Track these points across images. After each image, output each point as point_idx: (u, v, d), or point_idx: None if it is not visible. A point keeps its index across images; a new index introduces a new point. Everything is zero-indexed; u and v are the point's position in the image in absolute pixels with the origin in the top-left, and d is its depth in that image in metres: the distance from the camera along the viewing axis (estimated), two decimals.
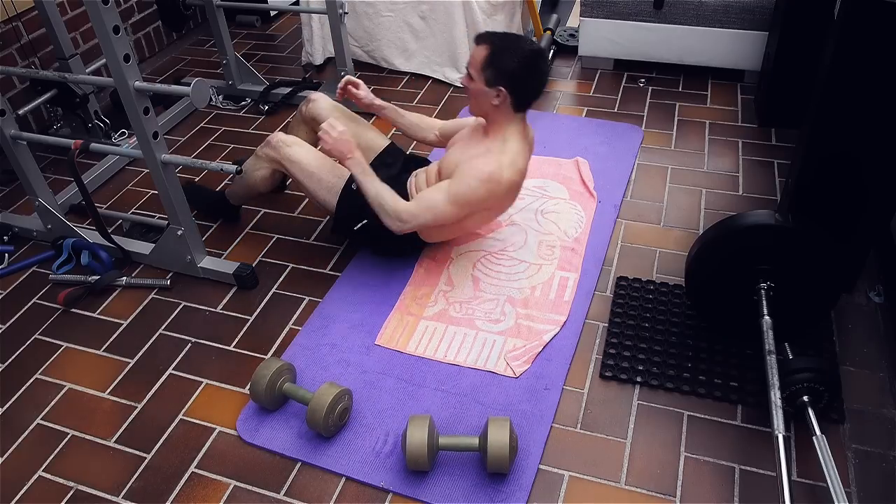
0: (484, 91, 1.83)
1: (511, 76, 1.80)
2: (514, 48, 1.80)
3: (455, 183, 1.87)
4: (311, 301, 2.04)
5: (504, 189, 1.89)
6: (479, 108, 1.90)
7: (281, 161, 2.04)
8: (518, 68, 1.80)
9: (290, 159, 2.03)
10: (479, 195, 1.86)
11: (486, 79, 1.81)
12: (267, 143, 2.08)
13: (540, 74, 1.87)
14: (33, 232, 2.32)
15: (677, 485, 1.52)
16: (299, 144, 2.06)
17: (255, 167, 2.13)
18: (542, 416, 1.67)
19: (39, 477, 1.62)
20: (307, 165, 2.03)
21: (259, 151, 2.11)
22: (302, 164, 2.03)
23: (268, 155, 2.07)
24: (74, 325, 2.02)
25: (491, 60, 1.80)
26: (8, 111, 2.05)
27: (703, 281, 1.79)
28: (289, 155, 2.03)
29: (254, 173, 2.14)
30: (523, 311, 1.94)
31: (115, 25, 1.69)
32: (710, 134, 2.66)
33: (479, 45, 1.83)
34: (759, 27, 2.77)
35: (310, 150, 2.07)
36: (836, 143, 1.70)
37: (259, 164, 2.12)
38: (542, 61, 1.87)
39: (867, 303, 1.92)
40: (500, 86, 1.81)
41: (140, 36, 3.30)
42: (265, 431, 1.67)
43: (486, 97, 1.83)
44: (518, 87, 1.83)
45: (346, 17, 2.73)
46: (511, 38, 1.84)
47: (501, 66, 1.79)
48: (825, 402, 1.57)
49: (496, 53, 1.79)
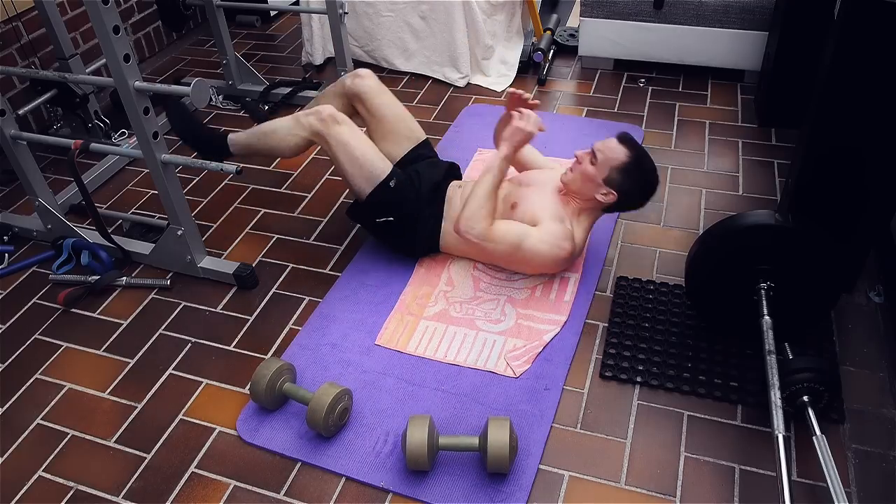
0: (598, 183, 1.89)
1: (628, 192, 1.89)
2: (645, 170, 1.91)
3: (535, 239, 1.88)
4: (311, 301, 2.04)
5: (558, 265, 1.96)
6: (579, 187, 1.93)
7: (327, 138, 1.97)
8: (637, 189, 1.91)
9: (337, 138, 1.96)
10: (545, 262, 1.92)
11: (608, 178, 1.88)
12: (316, 112, 1.98)
13: (646, 201, 1.97)
14: (33, 232, 2.32)
15: (677, 485, 1.52)
16: (350, 125, 1.99)
17: (291, 132, 2.02)
18: (542, 416, 1.67)
19: (39, 477, 1.62)
20: (353, 149, 1.97)
21: (302, 118, 2.00)
22: (349, 147, 1.96)
23: (311, 126, 1.98)
24: (74, 325, 2.02)
25: (624, 168, 1.87)
26: (8, 111, 2.05)
27: (703, 281, 1.79)
28: (338, 133, 1.96)
29: (286, 138, 2.03)
30: (523, 311, 1.94)
31: (115, 25, 1.69)
32: (710, 134, 2.66)
33: (620, 145, 1.88)
34: (759, 27, 2.77)
35: (359, 133, 2.01)
36: (836, 143, 1.70)
37: (296, 131, 2.01)
38: (655, 191, 1.95)
39: (867, 303, 1.92)
40: (614, 191, 1.88)
41: (140, 36, 3.30)
42: (265, 431, 1.67)
43: (596, 188, 1.90)
44: (625, 201, 1.92)
45: (346, 17, 2.73)
46: (647, 159, 1.92)
47: (628, 180, 1.88)
48: (825, 402, 1.57)
49: (631, 167, 1.87)
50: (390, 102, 2.16)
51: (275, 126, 2.05)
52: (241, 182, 2.55)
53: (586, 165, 1.90)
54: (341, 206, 2.41)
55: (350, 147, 1.97)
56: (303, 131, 2.00)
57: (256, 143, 2.09)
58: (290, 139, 2.03)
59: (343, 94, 2.17)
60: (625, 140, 1.90)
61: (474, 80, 3.09)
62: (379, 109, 2.13)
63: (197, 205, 2.45)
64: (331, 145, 1.98)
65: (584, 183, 1.91)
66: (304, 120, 1.99)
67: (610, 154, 1.88)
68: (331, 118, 1.97)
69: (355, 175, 1.99)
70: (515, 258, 1.93)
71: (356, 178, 1.99)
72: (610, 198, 1.90)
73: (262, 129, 2.08)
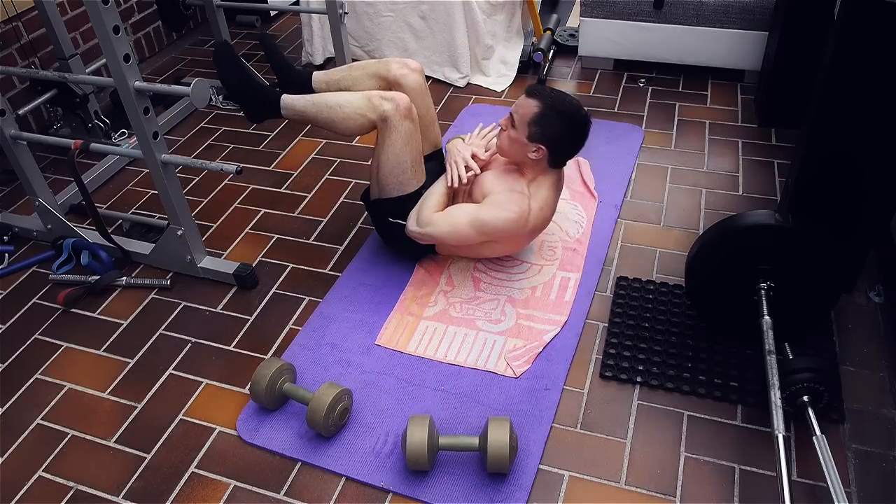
0: (524, 143, 1.85)
1: (553, 139, 1.84)
2: (563, 112, 1.83)
3: (482, 210, 1.87)
4: (311, 301, 2.04)
5: (526, 231, 1.92)
6: (512, 152, 1.91)
7: (392, 129, 1.86)
8: (562, 133, 1.84)
9: (400, 134, 1.87)
10: (500, 229, 1.87)
11: (529, 133, 1.84)
12: (392, 100, 1.86)
13: (580, 142, 1.90)
14: (33, 232, 2.32)
15: (677, 485, 1.52)
16: (416, 125, 1.91)
17: (359, 112, 1.88)
18: (542, 416, 1.67)
19: (39, 477, 1.62)
20: (406, 152, 1.90)
21: (376, 100, 1.86)
22: (404, 148, 1.89)
23: (385, 112, 1.85)
24: (74, 325, 2.02)
25: (539, 119, 1.82)
26: (8, 111, 2.05)
27: (702, 281, 1.79)
28: (405, 130, 1.87)
29: (353, 116, 1.88)
30: (524, 311, 1.94)
31: (115, 25, 1.69)
32: (710, 134, 2.66)
33: (529, 98, 1.84)
34: (759, 27, 2.77)
35: (418, 137, 1.94)
36: (836, 142, 1.70)
37: (366, 113, 1.87)
38: (585, 130, 1.88)
39: (867, 303, 1.92)
40: (541, 144, 1.84)
41: (140, 36, 3.30)
42: (265, 431, 1.67)
43: (524, 148, 1.86)
44: (557, 150, 1.87)
45: (346, 17, 2.73)
46: (563, 102, 1.85)
47: (547, 127, 1.82)
48: (825, 402, 1.57)
49: (545, 114, 1.82)
50: (429, 105, 2.10)
51: (340, 100, 1.90)
52: (241, 182, 2.55)
53: (506, 128, 1.88)
54: (341, 206, 2.41)
55: (405, 148, 1.90)
56: (373, 113, 1.86)
57: (316, 113, 1.92)
58: (357, 119, 1.89)
59: (384, 78, 2.03)
60: (532, 92, 1.84)
61: (474, 80, 3.10)
62: (419, 109, 1.99)
63: (197, 205, 2.45)
64: (390, 137, 1.88)
65: (513, 147, 1.89)
66: (378, 103, 1.86)
67: (522, 111, 1.84)
68: (407, 111, 1.87)
69: (389, 174, 1.93)
70: (480, 236, 1.89)
71: (388, 176, 1.94)
72: (540, 153, 1.85)
73: (326, 99, 1.92)
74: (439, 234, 1.91)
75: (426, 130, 2.10)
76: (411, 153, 1.93)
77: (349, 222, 2.33)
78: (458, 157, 1.96)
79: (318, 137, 2.78)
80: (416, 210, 1.95)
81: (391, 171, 1.93)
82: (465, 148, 2.00)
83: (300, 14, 3.44)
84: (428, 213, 1.92)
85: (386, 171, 1.94)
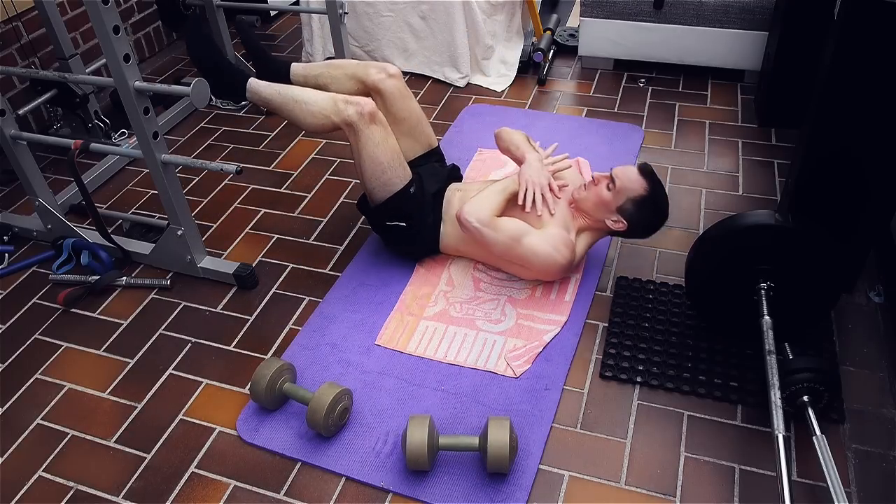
0: (611, 209, 1.89)
1: (636, 224, 1.90)
2: (658, 208, 1.90)
3: (537, 239, 1.87)
4: (311, 301, 2.04)
5: (553, 272, 1.93)
6: (590, 209, 1.93)
7: (358, 134, 1.87)
8: (646, 222, 1.91)
9: (369, 138, 1.88)
10: (542, 264, 1.89)
11: (622, 207, 1.87)
12: (357, 104, 1.86)
13: (649, 234, 1.98)
14: (33, 232, 2.32)
15: (677, 485, 1.52)
16: (385, 128, 1.91)
17: (322, 112, 1.88)
18: (542, 416, 1.67)
19: (39, 477, 1.62)
20: (380, 154, 1.90)
21: (341, 104, 1.87)
22: (377, 150, 1.89)
23: (348, 117, 1.86)
24: (74, 325, 2.02)
25: (639, 201, 1.86)
26: (8, 111, 2.05)
27: (702, 281, 1.79)
28: (371, 134, 1.88)
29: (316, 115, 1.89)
30: (524, 311, 1.94)
31: (115, 25, 1.69)
32: (710, 134, 2.66)
33: (642, 177, 1.86)
34: (759, 27, 2.77)
35: (391, 138, 1.93)
36: (837, 142, 1.70)
37: (329, 114, 1.88)
38: (657, 230, 1.95)
39: (867, 303, 1.92)
40: (626, 220, 1.88)
41: (140, 36, 3.30)
42: (265, 431, 1.67)
43: (607, 213, 1.90)
44: (632, 230, 1.92)
45: (346, 17, 2.73)
46: (662, 195, 1.90)
47: (640, 213, 1.88)
48: (825, 402, 1.57)
49: (646, 200, 1.86)
50: (412, 108, 2.09)
51: (307, 97, 1.91)
52: (241, 182, 2.55)
53: (602, 190, 1.88)
54: (341, 206, 2.41)
55: (378, 151, 1.90)
56: (336, 117, 1.87)
57: (281, 104, 1.93)
58: (319, 119, 1.90)
59: (362, 81, 2.04)
60: (646, 173, 1.87)
61: (474, 80, 3.10)
62: (399, 113, 2.05)
63: (197, 205, 2.45)
64: (359, 142, 1.90)
65: (597, 206, 1.90)
66: (343, 107, 1.86)
67: (629, 184, 1.85)
68: (370, 116, 1.87)
69: (372, 178, 1.94)
70: (513, 255, 1.90)
71: (372, 181, 1.95)
72: (619, 226, 1.89)
73: (293, 93, 1.92)
74: (491, 238, 1.87)
75: (413, 132, 2.10)
76: (385, 154, 1.92)
77: (349, 222, 2.33)
78: (538, 187, 1.94)
79: (317, 137, 2.78)
80: (476, 202, 1.88)
81: (372, 174, 1.94)
82: (545, 174, 1.97)
83: (300, 14, 3.44)
84: (488, 214, 1.87)
85: (367, 176, 1.95)
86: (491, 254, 1.97)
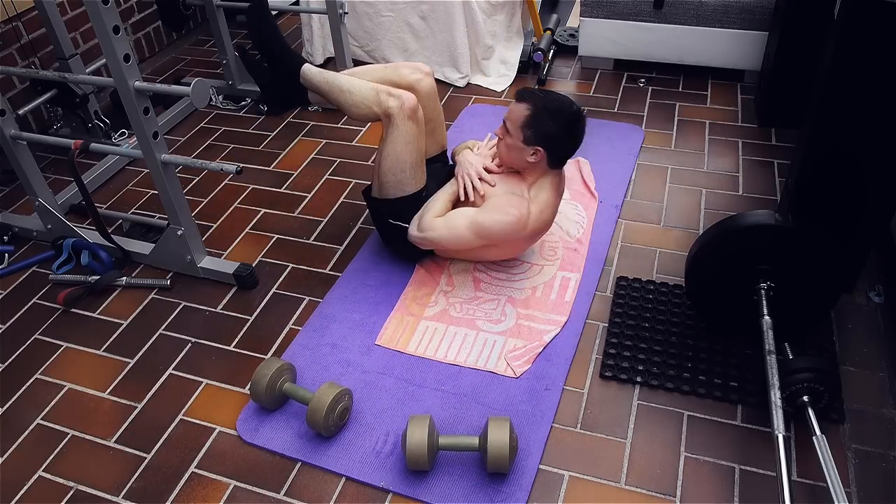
0: (520, 147, 1.86)
1: (549, 138, 1.84)
2: (554, 111, 1.83)
3: (481, 214, 1.88)
4: (311, 301, 2.04)
5: (525, 235, 1.92)
6: (512, 160, 1.92)
7: (393, 127, 1.89)
8: (557, 131, 1.84)
9: (401, 133, 1.89)
10: (499, 233, 1.88)
11: (525, 137, 1.84)
12: (399, 98, 1.88)
13: (577, 137, 1.90)
14: (33, 232, 2.32)
15: (677, 485, 1.52)
16: (420, 126, 1.93)
17: (365, 102, 1.92)
18: (542, 416, 1.67)
19: (39, 477, 1.62)
20: (406, 152, 1.91)
21: (383, 96, 1.89)
22: (405, 147, 1.90)
23: (388, 109, 1.88)
24: (74, 325, 2.02)
25: (531, 121, 1.83)
26: (8, 111, 2.05)
27: (702, 281, 1.79)
28: (406, 130, 1.89)
29: (360, 105, 1.93)
30: (524, 311, 1.94)
31: (115, 25, 1.69)
32: (710, 134, 2.66)
33: (519, 103, 1.85)
34: (759, 27, 2.77)
35: (421, 140, 1.95)
36: (836, 142, 1.70)
37: (371, 105, 1.91)
38: (580, 125, 1.89)
39: (867, 303, 1.92)
40: (538, 146, 1.84)
41: (140, 36, 3.30)
42: (265, 431, 1.67)
43: (522, 153, 1.87)
44: (555, 149, 1.87)
45: (346, 17, 2.73)
46: (553, 100, 1.86)
47: (541, 128, 1.83)
48: (825, 402, 1.57)
49: (537, 115, 1.82)
50: (438, 108, 2.13)
51: (352, 87, 1.94)
52: (241, 182, 2.55)
53: (502, 136, 1.89)
54: (341, 206, 2.41)
55: (406, 149, 1.91)
56: (377, 108, 1.90)
57: (328, 91, 1.97)
58: (363, 109, 1.93)
59: (397, 83, 2.03)
60: (521, 96, 1.86)
61: (474, 80, 3.10)
62: (430, 113, 2.05)
63: (197, 205, 2.45)
64: (391, 134, 1.91)
65: (511, 154, 1.90)
66: (384, 98, 1.89)
67: (514, 116, 1.85)
68: (411, 112, 1.88)
69: (388, 171, 1.94)
70: (478, 240, 1.89)
71: (387, 173, 1.95)
72: (538, 155, 1.86)
73: (340, 82, 1.95)
74: (439, 238, 1.92)
75: (434, 132, 2.12)
76: (411, 154, 1.93)
77: (349, 222, 2.33)
78: (472, 170, 1.96)
79: (318, 137, 2.78)
80: (419, 215, 1.96)
81: (390, 168, 1.94)
82: (477, 160, 2.00)
83: (300, 14, 3.44)
84: (429, 219, 1.92)
85: (385, 168, 1.95)
86: (470, 252, 1.99)
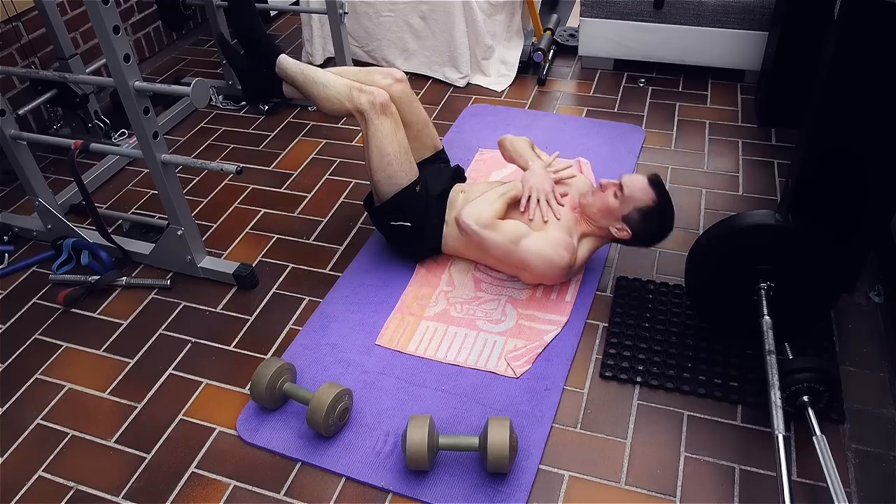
0: (616, 216, 1.88)
1: (643, 232, 1.90)
2: (664, 220, 1.89)
3: (536, 240, 1.88)
4: (311, 301, 2.04)
5: (553, 276, 1.93)
6: (595, 214, 1.93)
7: (368, 124, 1.91)
8: (652, 233, 1.91)
9: (378, 129, 1.90)
10: (540, 266, 1.89)
11: (628, 216, 1.87)
12: (370, 94, 1.90)
13: (651, 245, 1.98)
14: (33, 232, 2.32)
15: (677, 485, 1.52)
16: (395, 120, 1.93)
17: (338, 97, 1.94)
18: (542, 416, 1.67)
19: (39, 477, 1.62)
20: (387, 146, 1.92)
21: (355, 93, 1.91)
22: (385, 142, 1.91)
23: (360, 106, 1.90)
24: (74, 325, 2.02)
25: (644, 212, 1.86)
26: (8, 111, 2.05)
27: (702, 281, 1.79)
28: (381, 125, 1.90)
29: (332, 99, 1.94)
30: (524, 311, 1.94)
31: (115, 25, 1.69)
32: (710, 134, 2.66)
33: (651, 187, 1.85)
34: (759, 27, 2.77)
35: (401, 132, 1.95)
36: (837, 142, 1.70)
37: (343, 101, 1.93)
38: (662, 239, 1.94)
39: (867, 303, 1.92)
40: (630, 229, 1.88)
41: (140, 36, 3.30)
42: (265, 431, 1.67)
43: (612, 219, 1.90)
44: (635, 241, 1.93)
45: (346, 17, 2.73)
46: (669, 207, 1.89)
47: (645, 222, 1.87)
48: (825, 402, 1.57)
49: (652, 213, 1.86)
50: (418, 112, 2.11)
51: (326, 80, 1.96)
52: (241, 182, 2.55)
53: (609, 197, 1.88)
54: (341, 206, 2.41)
55: (385, 142, 1.92)
56: (349, 103, 1.92)
57: (303, 82, 1.98)
58: (336, 103, 1.95)
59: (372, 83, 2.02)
60: (655, 183, 1.86)
61: (474, 80, 3.10)
62: (406, 118, 2.05)
63: (197, 205, 2.45)
64: (368, 131, 1.92)
65: (602, 213, 1.90)
66: (356, 95, 1.91)
67: (637, 194, 1.85)
68: (382, 107, 1.90)
69: (378, 170, 1.94)
70: (513, 258, 1.90)
71: (378, 172, 1.95)
72: (623, 234, 1.89)
73: (315, 75, 1.97)
74: (490, 240, 1.87)
75: (420, 135, 2.11)
76: (392, 146, 1.92)
77: (349, 222, 2.33)
78: (541, 192, 1.95)
79: (318, 137, 2.78)
80: (476, 205, 1.89)
81: (378, 164, 1.94)
82: (548, 181, 1.98)
83: (300, 14, 3.44)
84: (489, 216, 1.87)
85: (374, 167, 1.95)
86: (490, 256, 1.97)
